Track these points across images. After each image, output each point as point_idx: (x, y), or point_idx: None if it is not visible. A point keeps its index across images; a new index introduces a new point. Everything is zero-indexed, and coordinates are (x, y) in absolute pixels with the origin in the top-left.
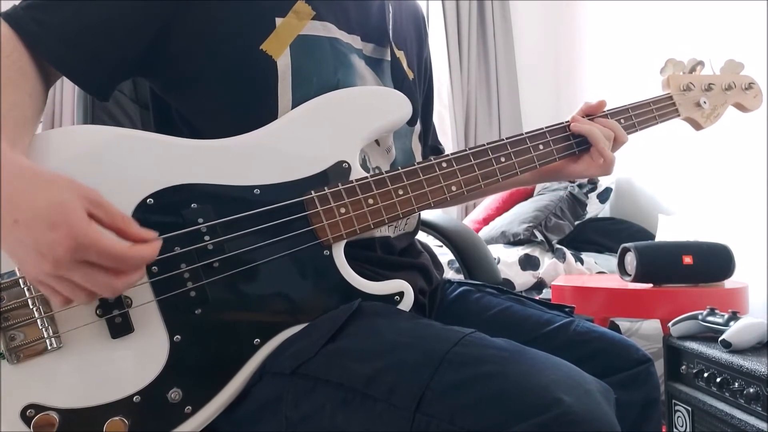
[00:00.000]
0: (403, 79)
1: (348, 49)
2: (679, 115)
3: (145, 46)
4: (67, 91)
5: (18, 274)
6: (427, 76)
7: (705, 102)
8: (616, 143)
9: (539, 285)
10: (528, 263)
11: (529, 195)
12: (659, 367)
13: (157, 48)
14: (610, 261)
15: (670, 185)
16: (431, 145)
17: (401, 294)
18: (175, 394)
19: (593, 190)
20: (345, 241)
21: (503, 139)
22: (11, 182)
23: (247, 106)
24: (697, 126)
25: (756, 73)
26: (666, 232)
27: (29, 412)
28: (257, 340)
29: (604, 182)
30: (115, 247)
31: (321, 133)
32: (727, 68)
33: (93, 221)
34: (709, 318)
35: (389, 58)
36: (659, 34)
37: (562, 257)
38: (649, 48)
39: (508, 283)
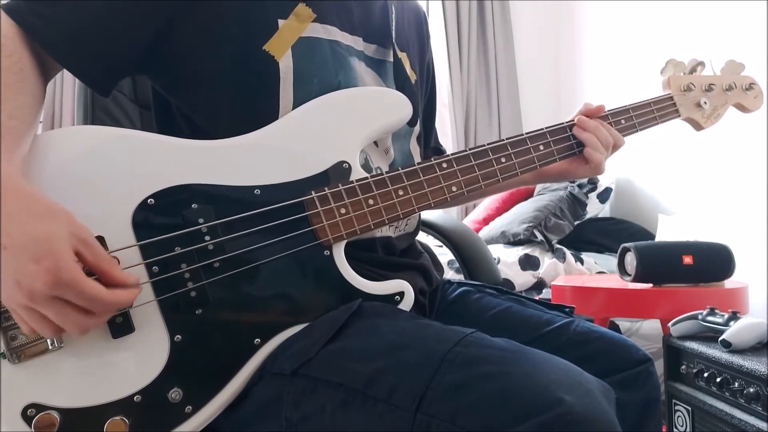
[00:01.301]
0: (404, 80)
1: (348, 51)
2: (679, 116)
3: (147, 42)
4: (67, 92)
5: None
6: (430, 78)
7: (705, 102)
8: (614, 148)
9: (539, 285)
10: (528, 263)
11: (529, 195)
12: (659, 367)
13: (160, 46)
14: (610, 261)
15: (670, 185)
16: (433, 147)
17: (401, 294)
18: (175, 394)
19: (593, 190)
20: (345, 241)
21: (503, 140)
22: (8, 206)
23: (249, 106)
24: (698, 126)
25: (756, 74)
26: (666, 232)
27: (30, 412)
28: (257, 340)
29: (604, 182)
30: (93, 289)
31: (321, 134)
32: (728, 69)
33: (76, 258)
34: (709, 318)
35: (392, 60)
36: (659, 34)
37: (562, 257)
38: (650, 48)
39: (508, 283)
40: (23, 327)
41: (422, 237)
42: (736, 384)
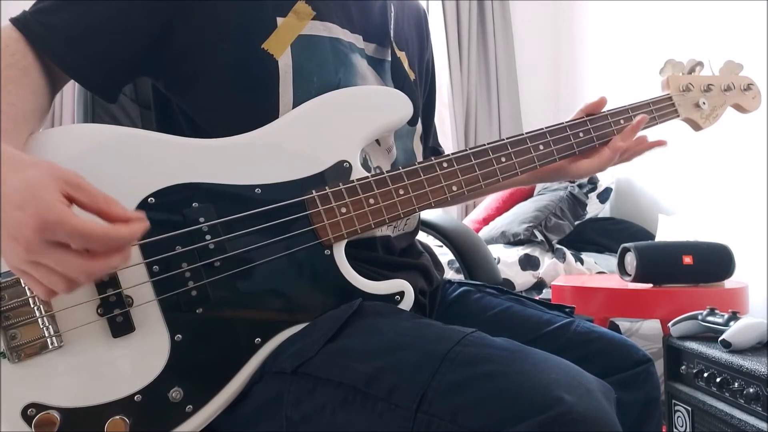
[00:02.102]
0: (403, 79)
1: (349, 48)
2: (678, 116)
3: (149, 46)
4: (67, 92)
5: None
6: (429, 77)
7: (704, 103)
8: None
9: (539, 285)
10: (528, 263)
11: (529, 195)
12: (659, 367)
13: (161, 47)
14: (610, 261)
15: (670, 185)
16: (431, 147)
17: (401, 293)
18: (176, 394)
19: (593, 190)
20: (346, 240)
21: (503, 139)
22: None
23: (248, 105)
24: (696, 127)
25: (755, 74)
26: (666, 232)
27: (30, 411)
28: (258, 340)
29: (604, 182)
30: (85, 225)
31: (322, 133)
32: (726, 69)
33: (65, 201)
34: (709, 318)
35: (390, 59)
36: (659, 34)
37: (562, 257)
38: (649, 48)
39: (508, 283)
40: (37, 289)
41: (422, 237)
42: (736, 384)
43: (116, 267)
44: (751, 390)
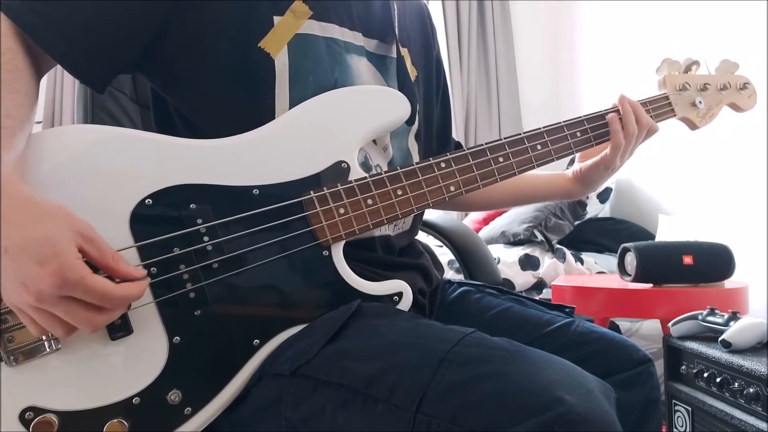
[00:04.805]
0: (404, 78)
1: (345, 48)
2: (675, 115)
3: (145, 42)
4: (67, 91)
5: None
6: (441, 71)
7: (700, 102)
8: (649, 133)
9: (539, 285)
10: (528, 263)
11: None
12: (659, 367)
13: (157, 45)
14: (610, 261)
15: (670, 185)
16: (456, 141)
17: (400, 294)
18: (174, 396)
19: None
20: (344, 241)
21: (501, 139)
22: (6, 208)
23: (245, 104)
24: (693, 126)
25: (751, 74)
26: (666, 232)
27: (28, 415)
28: (257, 341)
29: None
30: (102, 285)
31: (320, 133)
32: (722, 68)
33: (81, 257)
34: (709, 318)
35: (394, 55)
36: (657, 34)
37: (562, 257)
38: (647, 48)
39: (508, 283)
40: (32, 329)
41: (422, 237)
42: (736, 384)
43: (115, 318)
44: (751, 390)
